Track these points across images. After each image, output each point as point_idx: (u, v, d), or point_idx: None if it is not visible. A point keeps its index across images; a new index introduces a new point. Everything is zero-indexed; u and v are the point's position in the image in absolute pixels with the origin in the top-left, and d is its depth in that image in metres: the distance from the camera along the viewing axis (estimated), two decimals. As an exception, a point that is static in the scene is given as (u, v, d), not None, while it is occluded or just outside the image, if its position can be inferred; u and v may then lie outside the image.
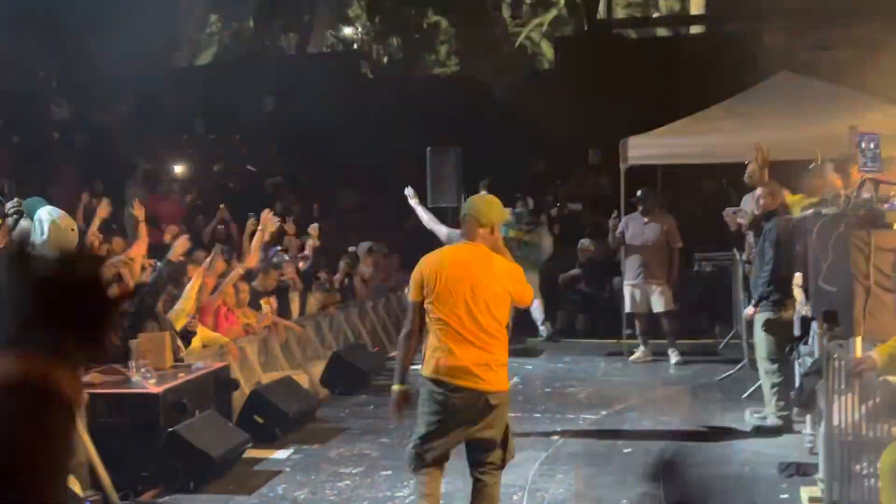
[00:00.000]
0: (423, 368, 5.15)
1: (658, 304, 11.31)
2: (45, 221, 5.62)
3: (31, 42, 16.50)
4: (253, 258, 9.73)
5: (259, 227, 9.83)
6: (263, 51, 24.74)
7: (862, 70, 13.08)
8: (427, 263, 5.24)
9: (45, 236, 5.54)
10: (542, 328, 13.28)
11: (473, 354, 5.01)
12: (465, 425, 5.04)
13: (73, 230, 5.59)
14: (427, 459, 5.12)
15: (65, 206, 15.06)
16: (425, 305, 5.13)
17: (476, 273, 5.10)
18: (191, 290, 8.51)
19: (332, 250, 12.96)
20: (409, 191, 9.13)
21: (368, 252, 13.26)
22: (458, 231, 8.11)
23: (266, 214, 9.86)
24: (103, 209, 9.31)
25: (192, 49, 23.75)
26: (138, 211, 9.31)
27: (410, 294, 5.31)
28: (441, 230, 8.84)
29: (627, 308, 11.45)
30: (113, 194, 13.43)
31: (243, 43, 26.79)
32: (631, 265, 11.45)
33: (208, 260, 9.08)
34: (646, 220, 11.38)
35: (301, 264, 11.24)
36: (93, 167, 15.54)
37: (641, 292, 11.30)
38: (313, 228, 11.61)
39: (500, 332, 5.11)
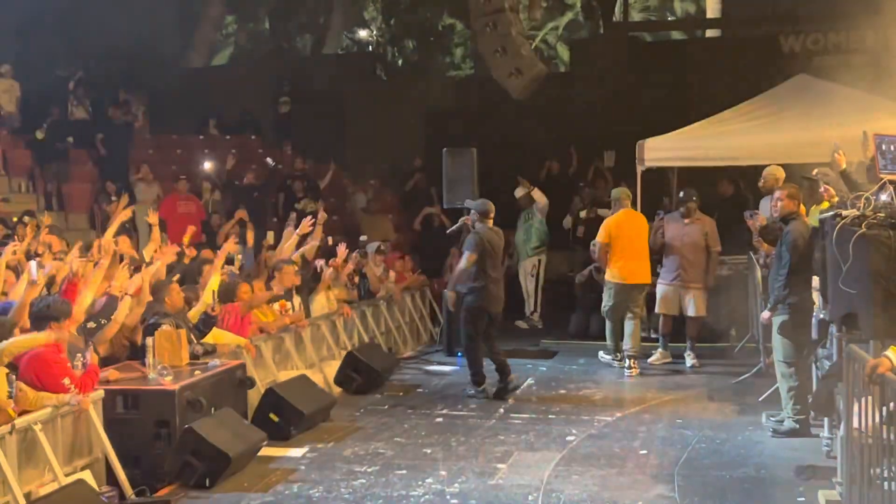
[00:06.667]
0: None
1: (691, 308, 11.11)
2: None
3: (50, 43, 16.58)
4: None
5: (297, 232, 10.74)
6: (279, 52, 24.75)
7: (878, 73, 13.02)
8: (611, 220, 11.00)
9: None
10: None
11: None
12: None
13: None
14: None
15: (80, 204, 15.17)
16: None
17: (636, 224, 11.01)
18: (208, 289, 8.56)
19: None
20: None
21: (377, 251, 13.23)
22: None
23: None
24: (125, 213, 9.62)
25: (208, 50, 23.75)
26: (152, 218, 9.80)
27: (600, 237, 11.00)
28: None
29: (657, 308, 11.24)
30: (127, 194, 13.55)
31: (259, 44, 26.84)
32: (668, 266, 11.20)
33: (221, 255, 9.21)
34: (686, 221, 11.16)
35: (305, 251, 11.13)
36: (107, 167, 15.59)
37: (675, 294, 11.12)
38: (316, 224, 11.09)
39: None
